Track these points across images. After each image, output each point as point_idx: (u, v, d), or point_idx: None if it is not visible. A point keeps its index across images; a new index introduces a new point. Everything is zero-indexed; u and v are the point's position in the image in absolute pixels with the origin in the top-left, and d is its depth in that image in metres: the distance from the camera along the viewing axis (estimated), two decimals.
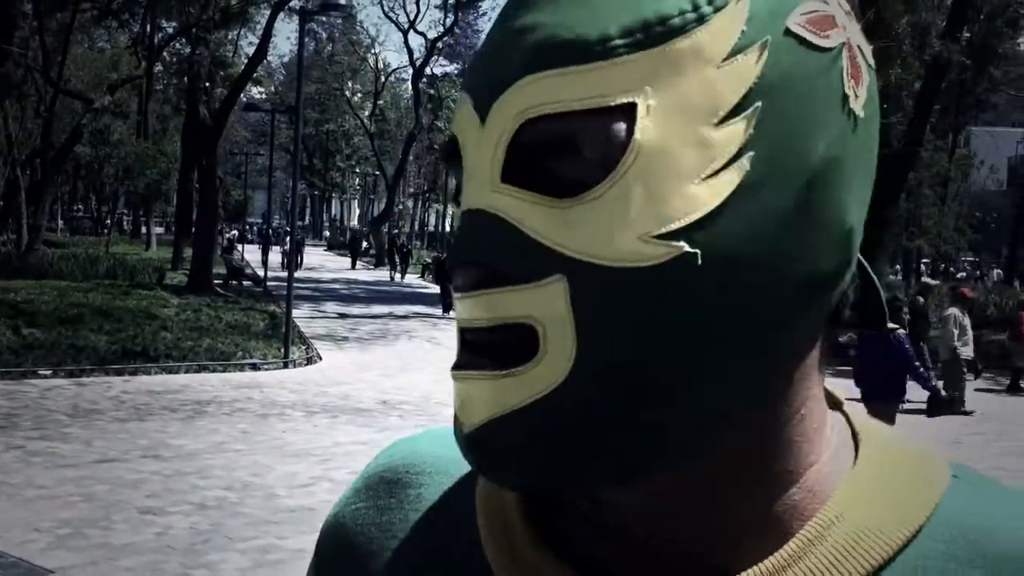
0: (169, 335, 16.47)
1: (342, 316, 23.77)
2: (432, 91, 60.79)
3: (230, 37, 40.61)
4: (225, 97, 27.64)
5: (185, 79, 29.80)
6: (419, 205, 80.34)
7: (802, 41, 0.55)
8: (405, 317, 24.32)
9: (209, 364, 14.70)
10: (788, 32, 0.55)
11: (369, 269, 46.72)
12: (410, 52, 56.07)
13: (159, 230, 57.49)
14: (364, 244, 57.06)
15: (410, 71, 57.91)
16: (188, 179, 32.35)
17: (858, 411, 0.65)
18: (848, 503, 0.58)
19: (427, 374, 15.05)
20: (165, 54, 39.82)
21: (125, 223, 65.37)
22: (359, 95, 74.78)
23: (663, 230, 0.52)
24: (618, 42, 0.53)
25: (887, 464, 0.60)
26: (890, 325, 9.22)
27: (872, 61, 0.60)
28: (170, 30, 37.76)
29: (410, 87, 59.72)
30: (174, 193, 39.97)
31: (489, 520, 0.64)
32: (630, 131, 0.52)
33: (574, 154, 0.53)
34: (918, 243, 31.55)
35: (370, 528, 0.70)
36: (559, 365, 0.53)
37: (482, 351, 0.55)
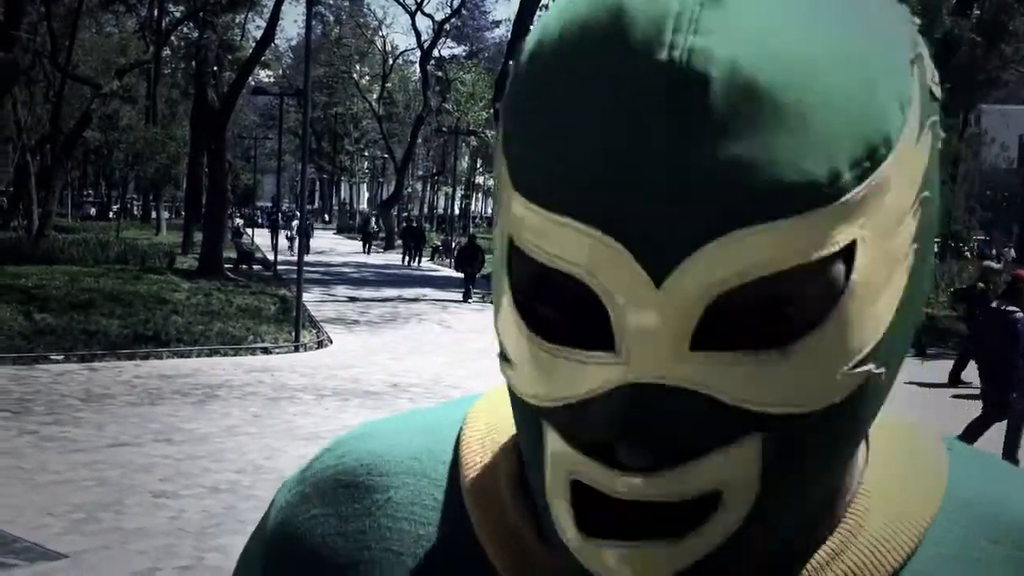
0: (180, 319, 16.52)
1: (352, 299, 23.80)
2: (440, 73, 60.64)
3: (238, 20, 40.51)
4: (233, 81, 27.63)
5: (193, 63, 29.81)
6: (428, 188, 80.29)
7: (935, 98, 0.51)
8: (415, 300, 24.34)
9: (220, 348, 14.73)
10: (932, 97, 0.50)
11: (379, 252, 46.71)
12: (417, 34, 55.95)
13: (168, 215, 57.58)
14: (374, 227, 57.16)
15: (418, 53, 57.82)
16: (197, 163, 32.38)
17: None
18: (877, 490, 0.58)
19: (437, 357, 15.07)
20: (173, 38, 39.83)
21: (135, 208, 65.51)
22: (367, 78, 74.67)
23: (859, 358, 0.48)
24: (847, 177, 0.45)
25: (896, 442, 0.61)
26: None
27: None
28: (178, 14, 37.70)
29: (418, 69, 59.64)
30: (183, 178, 40.02)
31: (487, 520, 0.61)
32: (848, 273, 0.46)
33: (783, 309, 0.46)
34: None
35: (334, 539, 0.64)
36: (734, 518, 0.49)
37: (652, 524, 0.49)
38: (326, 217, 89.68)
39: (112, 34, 52.55)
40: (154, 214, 50.24)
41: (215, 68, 28.11)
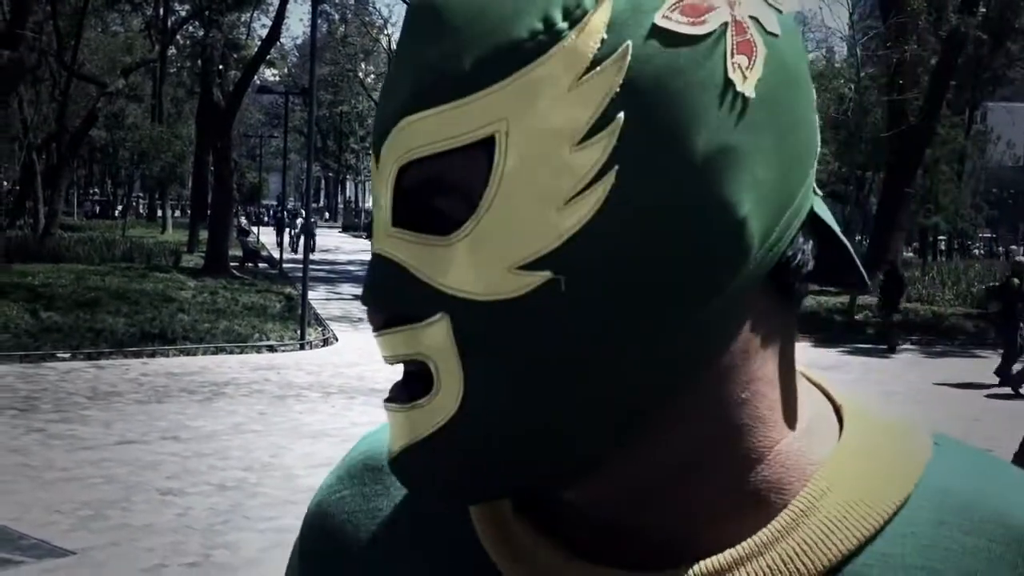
0: (186, 317, 16.55)
1: (357, 297, 23.74)
2: None
3: (243, 19, 40.57)
4: (239, 80, 27.65)
5: (199, 62, 29.84)
6: None
7: (672, 35, 0.52)
8: None
9: (226, 346, 14.76)
10: (656, 29, 0.52)
11: None
12: None
13: (175, 213, 57.64)
14: None
15: None
16: (203, 162, 32.42)
17: (837, 386, 0.66)
18: (836, 476, 0.59)
19: None
20: (179, 37, 39.83)
21: (141, 206, 65.60)
22: (372, 76, 74.70)
23: (526, 261, 0.52)
24: (478, 74, 0.52)
25: (871, 436, 0.61)
26: None
27: (777, 28, 0.56)
28: (183, 13, 37.77)
29: None
30: (189, 176, 40.08)
31: (482, 507, 0.64)
32: (490, 163, 0.52)
33: (446, 193, 0.54)
34: (935, 220, 31.38)
35: (357, 515, 0.71)
36: (452, 397, 0.55)
37: (398, 386, 0.59)
38: (326, 215, 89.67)
39: (118, 33, 52.60)
40: (160, 213, 50.30)
41: (220, 67, 28.13)
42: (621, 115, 0.51)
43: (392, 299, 0.56)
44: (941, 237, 44.49)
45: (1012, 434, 10.51)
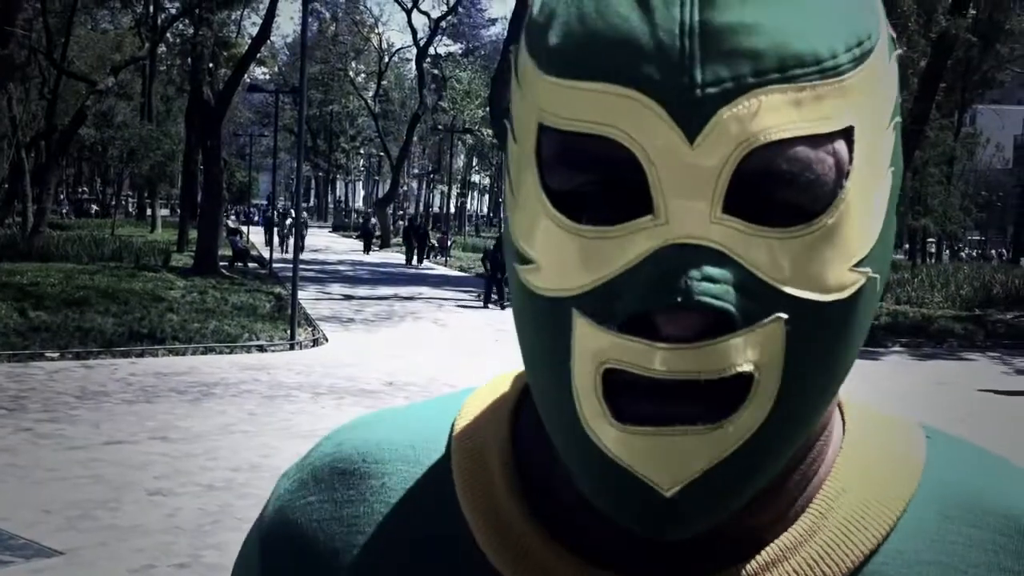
0: (175, 317, 16.51)
1: (348, 298, 23.78)
2: (436, 71, 60.61)
3: (233, 17, 40.48)
4: (229, 78, 27.61)
5: (189, 60, 29.76)
6: (424, 186, 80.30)
7: (892, 41, 0.55)
8: (411, 299, 24.33)
9: (216, 346, 14.73)
10: (892, 39, 0.55)
11: (375, 251, 46.65)
12: (414, 32, 55.90)
13: (164, 212, 57.52)
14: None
15: (414, 51, 57.74)
16: (192, 161, 32.34)
17: None
18: (849, 475, 0.60)
19: (433, 355, 15.07)
20: (169, 35, 39.72)
21: (130, 205, 65.43)
22: (363, 75, 74.61)
23: (860, 257, 0.51)
24: (843, 58, 0.49)
25: (873, 431, 0.63)
26: None
27: None
28: (173, 11, 37.69)
29: (414, 67, 59.60)
30: (179, 175, 39.97)
31: (477, 507, 0.62)
32: (850, 155, 0.50)
33: (804, 182, 0.49)
34: (924, 222, 31.48)
35: (329, 523, 0.66)
36: (761, 410, 0.50)
37: (688, 402, 0.50)
38: (318, 216, 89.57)
39: (107, 31, 52.48)
40: (149, 211, 50.17)
41: (211, 65, 28.06)
42: (899, 117, 0.54)
43: (726, 299, 0.48)
44: (930, 240, 44.62)
45: (1000, 434, 10.55)
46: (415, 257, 38.33)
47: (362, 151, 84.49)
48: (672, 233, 0.48)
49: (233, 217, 39.94)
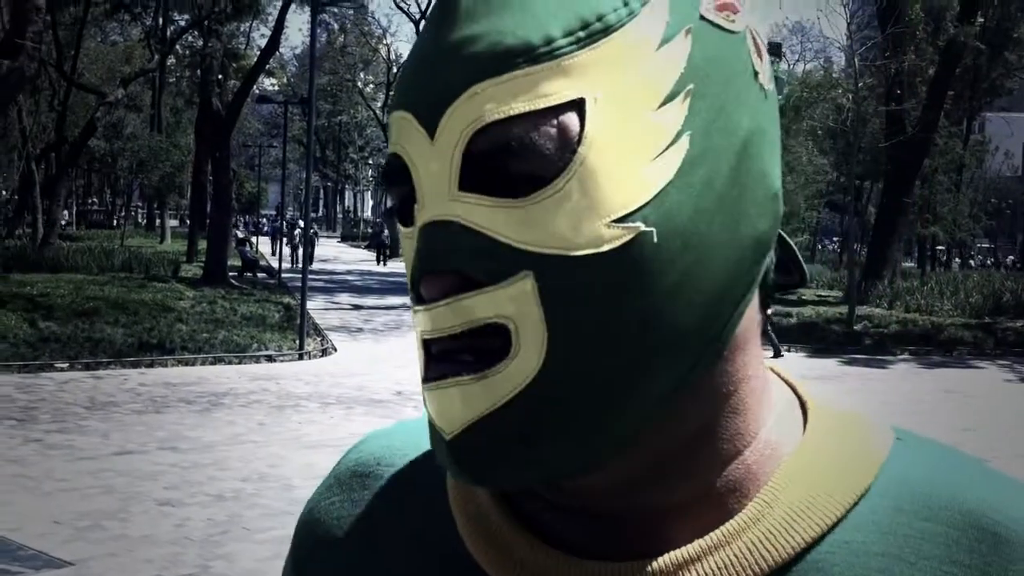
0: (185, 327, 16.53)
1: (356, 308, 23.81)
2: None
3: (242, 29, 40.67)
4: (238, 89, 27.66)
5: (198, 72, 29.88)
6: None
7: (715, 26, 0.59)
8: None
9: (225, 356, 14.75)
10: (703, 19, 0.59)
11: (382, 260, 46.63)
12: None
13: (173, 223, 57.65)
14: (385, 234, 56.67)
15: None
16: (202, 171, 32.43)
17: (802, 382, 0.69)
18: (799, 467, 0.62)
19: None
20: (178, 47, 39.90)
21: (140, 216, 65.59)
22: (371, 86, 74.76)
23: (621, 213, 0.55)
24: (561, 42, 0.55)
25: (835, 429, 0.65)
26: None
27: (765, 47, 0.64)
28: (182, 23, 37.85)
29: None
30: (188, 186, 40.04)
31: (462, 505, 0.67)
32: (582, 124, 0.55)
33: (529, 154, 0.55)
34: (933, 230, 31.41)
35: (346, 520, 0.73)
36: (531, 360, 0.55)
37: (453, 359, 0.57)
38: (326, 226, 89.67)
39: (117, 43, 52.69)
40: (158, 222, 50.29)
41: (220, 76, 28.14)
42: (691, 85, 0.57)
43: (463, 262, 0.56)
44: (940, 247, 44.48)
45: (1006, 444, 10.51)
46: None
47: (371, 161, 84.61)
48: (425, 215, 0.57)
49: (242, 227, 39.92)
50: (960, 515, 0.60)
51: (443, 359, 0.57)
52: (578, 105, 0.55)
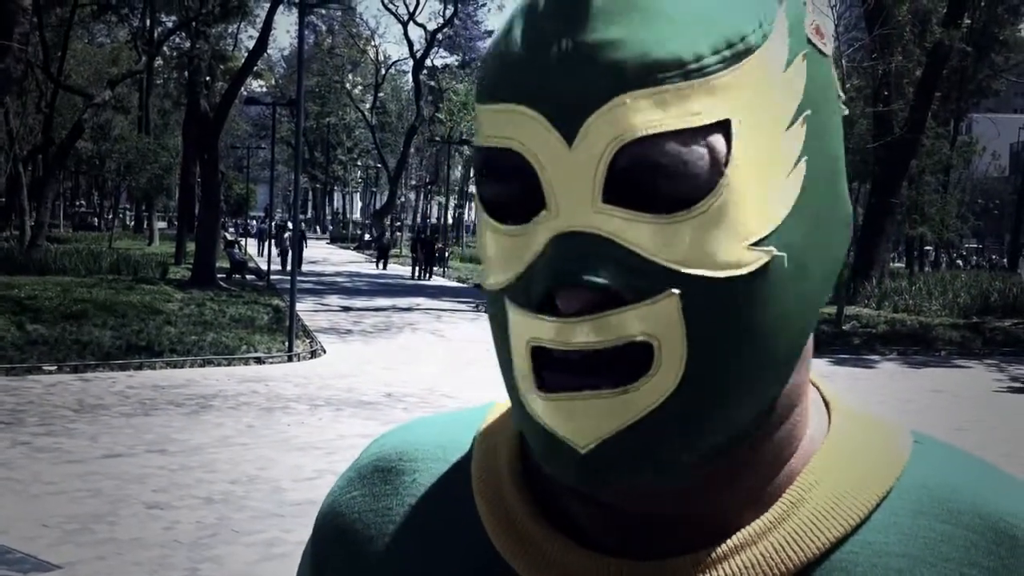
0: (173, 329, 16.49)
1: (345, 309, 23.77)
2: (433, 83, 60.69)
3: (230, 31, 40.57)
4: (226, 91, 27.60)
5: (185, 73, 29.77)
6: (421, 197, 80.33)
7: (817, 50, 0.60)
8: (408, 310, 24.33)
9: (213, 358, 14.72)
10: (810, 42, 0.60)
11: (372, 262, 46.60)
12: (410, 44, 56.01)
13: (161, 225, 57.49)
14: (367, 236, 56.61)
15: (410, 63, 57.85)
16: (190, 173, 32.34)
17: (824, 380, 0.71)
18: (825, 468, 0.64)
19: (431, 366, 15.06)
20: (165, 48, 39.72)
21: (128, 218, 65.39)
22: (360, 88, 74.73)
23: (758, 237, 0.56)
24: (710, 60, 0.55)
25: (857, 430, 0.66)
26: None
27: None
28: (170, 24, 37.72)
29: (410, 79, 59.65)
30: (176, 188, 39.94)
31: (488, 500, 0.68)
32: (728, 146, 0.55)
33: (680, 173, 0.54)
34: (921, 230, 31.49)
35: (367, 514, 0.74)
36: (670, 376, 0.56)
37: (590, 372, 0.56)
38: (316, 228, 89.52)
39: (104, 44, 52.51)
40: (146, 224, 50.14)
41: (207, 78, 28.08)
42: (808, 110, 0.58)
43: (610, 278, 0.55)
44: (927, 247, 44.61)
45: (995, 444, 10.55)
46: (423, 271, 36.34)
47: (359, 163, 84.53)
48: (561, 224, 0.55)
49: (231, 229, 39.82)
50: (979, 519, 0.62)
51: (573, 371, 0.56)
52: (725, 126, 0.55)
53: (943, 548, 0.61)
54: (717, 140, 0.55)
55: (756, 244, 0.56)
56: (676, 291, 0.55)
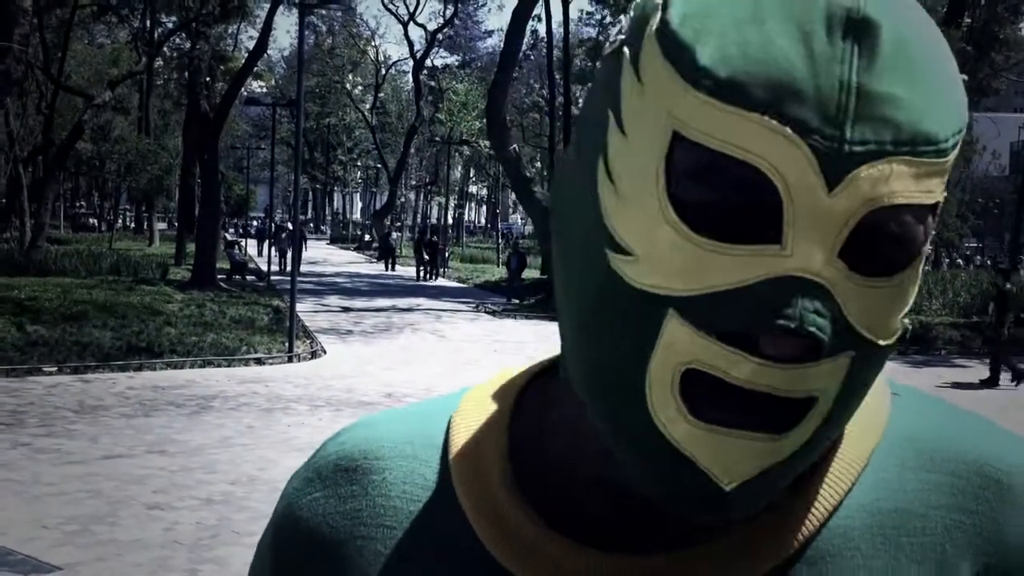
0: (173, 330, 16.49)
1: (346, 310, 23.77)
2: (433, 83, 60.70)
3: (230, 31, 40.54)
4: (226, 91, 27.62)
5: (185, 74, 29.81)
6: (421, 197, 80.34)
7: None
8: (409, 310, 24.33)
9: (214, 359, 14.72)
10: None
11: (372, 262, 46.61)
12: (410, 44, 56.03)
13: (162, 226, 57.49)
14: (367, 237, 56.63)
15: (410, 63, 57.86)
16: (190, 174, 32.37)
17: None
18: None
19: (431, 367, 15.06)
20: (165, 49, 39.77)
21: (128, 219, 65.40)
22: (360, 88, 74.74)
23: (907, 310, 0.58)
24: (950, 143, 0.55)
25: None
26: None
27: None
28: (170, 25, 37.74)
29: (411, 79, 59.65)
30: (176, 188, 39.96)
31: (472, 495, 0.67)
32: (929, 227, 0.57)
33: (906, 245, 0.55)
34: None
35: (333, 517, 0.70)
36: (812, 425, 0.57)
37: (754, 412, 0.55)
38: (320, 227, 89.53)
39: (104, 45, 52.54)
40: (147, 225, 50.16)
41: (208, 79, 28.10)
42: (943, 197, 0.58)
43: (825, 332, 0.54)
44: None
45: None
46: (428, 272, 35.68)
47: (359, 163, 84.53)
48: (793, 265, 0.53)
49: (231, 230, 39.82)
50: (963, 464, 0.64)
51: (737, 408, 0.55)
52: (935, 207, 0.56)
53: (931, 496, 0.63)
54: (931, 218, 0.56)
55: (905, 315, 0.58)
56: (852, 353, 0.55)
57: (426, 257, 35.77)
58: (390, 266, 41.43)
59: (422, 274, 35.87)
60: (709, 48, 0.54)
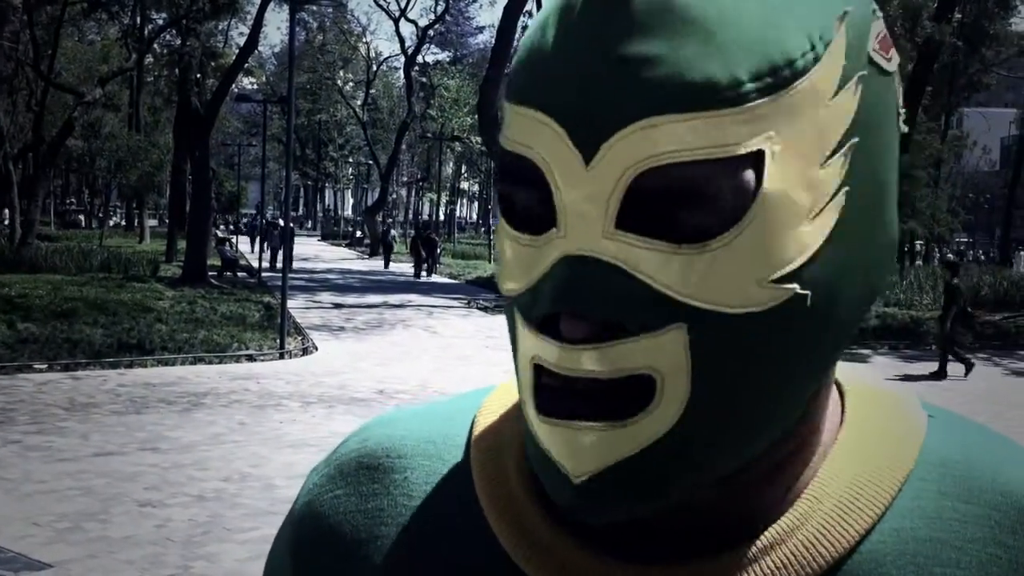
0: (164, 327, 16.46)
1: (337, 306, 23.75)
2: (424, 79, 60.63)
3: (221, 28, 40.47)
4: (217, 88, 27.56)
5: (176, 71, 29.72)
6: (413, 194, 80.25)
7: (878, 68, 0.56)
8: (400, 306, 24.31)
9: (205, 356, 14.69)
10: (870, 60, 0.56)
11: (364, 259, 46.55)
12: (401, 40, 55.94)
13: (152, 222, 57.35)
14: (359, 233, 56.60)
15: (402, 59, 57.78)
16: (181, 171, 32.29)
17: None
18: (844, 456, 0.62)
19: (424, 363, 15.05)
20: (156, 46, 39.67)
21: (119, 216, 65.23)
22: (351, 84, 74.58)
23: (779, 274, 0.53)
24: (749, 87, 0.51)
25: (873, 413, 0.64)
26: None
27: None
28: (160, 21, 37.63)
29: (402, 75, 59.59)
30: (167, 185, 39.86)
31: (495, 501, 0.65)
32: (759, 179, 0.52)
33: (706, 204, 0.52)
34: (911, 225, 31.56)
35: (354, 515, 0.69)
36: (671, 411, 0.54)
37: (588, 401, 0.54)
38: (309, 224, 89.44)
39: (94, 42, 52.40)
40: (137, 222, 50.04)
41: (198, 75, 28.04)
42: (856, 138, 0.54)
43: (614, 309, 0.52)
44: (918, 242, 44.69)
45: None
46: (424, 269, 34.85)
47: (351, 159, 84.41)
48: (570, 246, 0.53)
49: (222, 227, 39.74)
50: (1001, 496, 0.61)
51: (572, 397, 0.54)
52: (757, 157, 0.51)
53: (968, 529, 0.60)
54: (747, 172, 0.51)
55: (781, 279, 0.53)
56: (684, 325, 0.52)
57: (423, 254, 35.10)
58: (387, 263, 40.80)
59: (420, 272, 34.85)
60: (514, 61, 0.57)
